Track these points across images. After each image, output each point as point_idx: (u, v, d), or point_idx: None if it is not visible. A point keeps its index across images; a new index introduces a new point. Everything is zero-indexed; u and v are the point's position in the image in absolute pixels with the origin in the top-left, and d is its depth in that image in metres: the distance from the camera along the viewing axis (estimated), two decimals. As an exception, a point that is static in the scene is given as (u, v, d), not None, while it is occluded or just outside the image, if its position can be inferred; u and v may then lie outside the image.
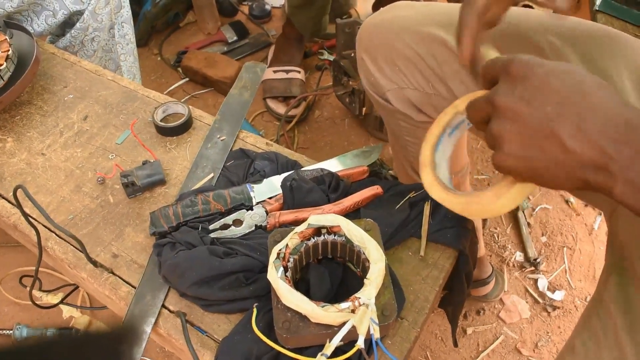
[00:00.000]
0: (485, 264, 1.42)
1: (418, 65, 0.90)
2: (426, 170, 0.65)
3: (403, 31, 0.90)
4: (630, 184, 0.44)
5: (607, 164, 0.44)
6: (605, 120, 0.45)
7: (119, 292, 0.81)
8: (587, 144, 0.45)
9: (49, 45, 1.22)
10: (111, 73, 1.14)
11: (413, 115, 0.96)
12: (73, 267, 0.85)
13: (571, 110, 0.45)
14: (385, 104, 0.99)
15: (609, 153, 0.44)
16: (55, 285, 1.34)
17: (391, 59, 0.92)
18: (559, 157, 0.46)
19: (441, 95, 0.90)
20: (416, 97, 0.93)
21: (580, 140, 0.45)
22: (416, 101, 0.94)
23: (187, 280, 0.75)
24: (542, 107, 0.46)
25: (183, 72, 2.06)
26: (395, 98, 0.96)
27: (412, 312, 0.76)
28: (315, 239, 0.73)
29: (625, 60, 0.78)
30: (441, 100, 0.91)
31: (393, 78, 0.94)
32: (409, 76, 0.92)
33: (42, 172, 0.97)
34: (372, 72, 0.96)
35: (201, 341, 0.74)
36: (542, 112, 0.46)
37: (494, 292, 1.45)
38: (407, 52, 0.90)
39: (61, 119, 1.06)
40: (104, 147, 1.00)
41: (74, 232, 0.86)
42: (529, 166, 0.48)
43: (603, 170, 0.45)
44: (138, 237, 0.86)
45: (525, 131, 0.47)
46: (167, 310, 0.78)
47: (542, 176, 0.48)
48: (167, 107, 1.03)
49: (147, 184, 0.91)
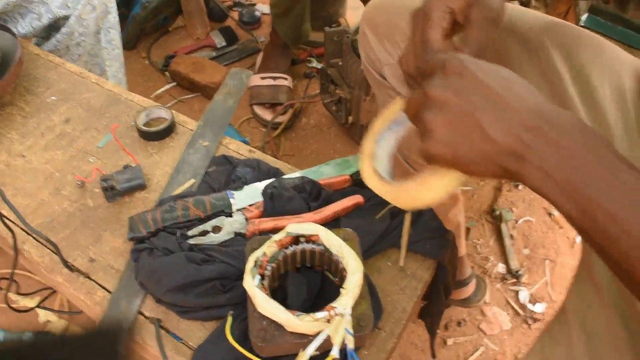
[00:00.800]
0: (465, 264, 1.42)
1: None
2: (365, 161, 0.68)
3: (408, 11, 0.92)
4: (542, 171, 0.46)
5: (522, 152, 0.47)
6: (523, 112, 0.48)
7: (94, 297, 0.80)
8: (506, 133, 0.48)
9: (33, 47, 1.21)
10: (95, 76, 1.13)
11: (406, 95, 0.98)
12: (49, 271, 0.84)
13: (495, 101, 0.49)
14: (381, 81, 1.01)
15: (525, 142, 0.47)
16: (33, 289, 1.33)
17: (392, 36, 0.95)
18: (481, 145, 0.49)
19: None
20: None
21: (500, 130, 0.48)
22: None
23: (164, 286, 0.74)
24: (469, 97, 0.50)
25: (170, 76, 2.05)
26: (392, 74, 0.97)
27: (390, 323, 0.76)
28: (293, 248, 0.73)
29: (609, 68, 0.80)
30: None
31: (392, 53, 0.96)
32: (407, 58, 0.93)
33: (22, 174, 0.96)
34: (373, 47, 0.98)
35: (176, 348, 0.74)
36: (469, 102, 0.49)
37: (476, 297, 1.45)
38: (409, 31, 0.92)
39: (43, 121, 1.05)
40: (85, 150, 0.99)
41: (52, 235, 0.85)
42: (454, 153, 0.51)
43: (519, 158, 0.47)
44: (116, 241, 0.86)
45: (453, 119, 0.50)
46: (142, 316, 0.77)
47: (466, 164, 0.51)
48: (150, 112, 1.03)
49: (126, 188, 0.90)
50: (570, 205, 0.46)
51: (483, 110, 0.49)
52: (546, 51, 0.83)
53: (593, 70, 0.80)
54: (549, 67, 0.82)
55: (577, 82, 0.80)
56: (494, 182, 1.75)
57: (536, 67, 0.83)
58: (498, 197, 1.71)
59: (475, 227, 1.65)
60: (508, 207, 1.69)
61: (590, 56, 0.81)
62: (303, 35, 1.91)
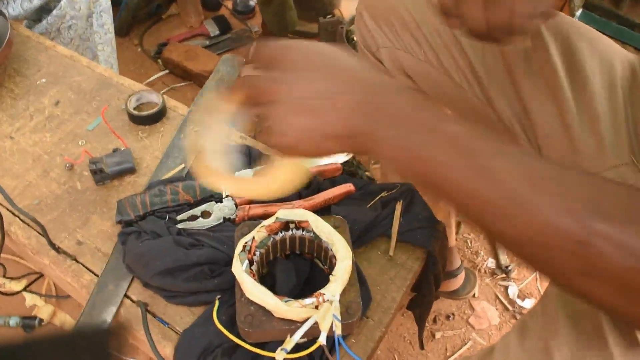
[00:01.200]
0: (455, 255, 1.42)
1: (413, 31, 0.92)
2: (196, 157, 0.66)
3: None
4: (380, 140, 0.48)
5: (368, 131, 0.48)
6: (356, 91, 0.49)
7: (81, 280, 0.79)
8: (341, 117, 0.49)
9: (24, 29, 1.19)
10: (86, 59, 1.12)
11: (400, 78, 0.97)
12: (36, 253, 0.83)
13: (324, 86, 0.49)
14: (377, 64, 1.00)
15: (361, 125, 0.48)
16: (20, 273, 1.32)
17: (390, 19, 0.94)
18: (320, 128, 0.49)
19: (431, 64, 0.92)
20: (407, 61, 0.95)
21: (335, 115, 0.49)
22: (407, 65, 0.95)
23: (151, 270, 0.74)
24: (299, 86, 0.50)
25: (163, 64, 2.03)
26: (388, 58, 0.97)
27: (378, 312, 0.75)
28: (283, 234, 0.73)
29: (601, 59, 0.80)
30: (430, 68, 0.92)
31: (389, 37, 0.95)
32: (404, 39, 0.94)
33: (9, 155, 0.95)
34: (370, 28, 0.98)
35: (162, 332, 0.73)
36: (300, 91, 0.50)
37: (465, 289, 1.45)
38: (406, 16, 0.92)
39: (32, 103, 1.03)
40: (75, 133, 0.98)
41: (39, 217, 0.84)
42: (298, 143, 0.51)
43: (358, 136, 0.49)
44: (104, 225, 0.85)
45: (289, 110, 0.50)
46: (129, 300, 0.77)
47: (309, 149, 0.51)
48: (141, 96, 1.02)
49: (116, 171, 0.89)
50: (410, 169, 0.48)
51: (314, 97, 0.49)
52: (541, 39, 0.83)
53: (586, 60, 0.80)
54: (543, 56, 0.82)
55: (570, 72, 0.80)
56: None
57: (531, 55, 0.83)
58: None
59: (465, 221, 1.65)
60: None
61: (585, 46, 0.82)
62: (289, 25, 1.89)
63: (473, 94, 0.89)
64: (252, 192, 0.63)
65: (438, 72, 0.92)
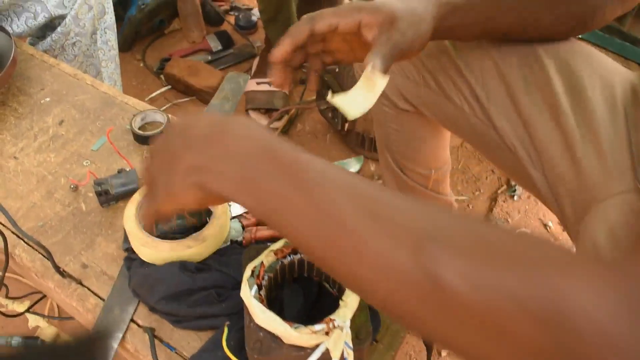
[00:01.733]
0: None
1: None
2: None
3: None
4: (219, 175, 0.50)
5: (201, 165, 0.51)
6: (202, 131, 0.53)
7: (86, 304, 0.78)
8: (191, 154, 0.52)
9: (27, 46, 1.19)
10: (90, 77, 1.12)
11: (399, 103, 0.97)
12: (40, 276, 0.82)
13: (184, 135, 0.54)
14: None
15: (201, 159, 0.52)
16: (22, 293, 1.31)
17: None
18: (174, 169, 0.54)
19: (430, 87, 0.91)
20: (404, 85, 0.94)
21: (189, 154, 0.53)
22: (403, 89, 0.94)
23: (157, 294, 0.73)
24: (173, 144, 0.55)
25: (165, 79, 2.03)
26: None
27: (388, 336, 0.74)
28: (291, 257, 0.72)
29: (599, 76, 0.80)
30: (429, 92, 0.91)
31: None
32: (402, 64, 0.93)
33: (13, 176, 0.94)
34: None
35: (169, 358, 0.72)
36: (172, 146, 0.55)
37: None
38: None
39: (36, 122, 1.03)
40: (79, 153, 0.97)
41: (43, 239, 0.83)
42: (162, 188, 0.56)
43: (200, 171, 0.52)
44: (109, 247, 0.84)
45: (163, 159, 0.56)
46: (135, 324, 0.76)
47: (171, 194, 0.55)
48: (146, 115, 1.01)
49: (121, 193, 0.88)
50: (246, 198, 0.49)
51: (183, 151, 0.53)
52: (540, 61, 0.83)
53: (585, 79, 0.80)
54: (542, 77, 0.81)
55: (570, 92, 0.79)
56: (489, 192, 1.75)
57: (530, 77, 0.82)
58: (493, 207, 1.71)
59: (470, 237, 1.64)
60: (503, 217, 1.68)
61: (583, 65, 0.82)
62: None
63: (474, 116, 0.88)
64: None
65: (437, 95, 0.91)
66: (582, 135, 0.77)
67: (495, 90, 0.85)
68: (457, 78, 0.87)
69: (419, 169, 1.11)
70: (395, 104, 0.97)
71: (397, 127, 1.03)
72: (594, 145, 0.76)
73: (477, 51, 0.85)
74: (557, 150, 0.78)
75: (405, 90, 0.94)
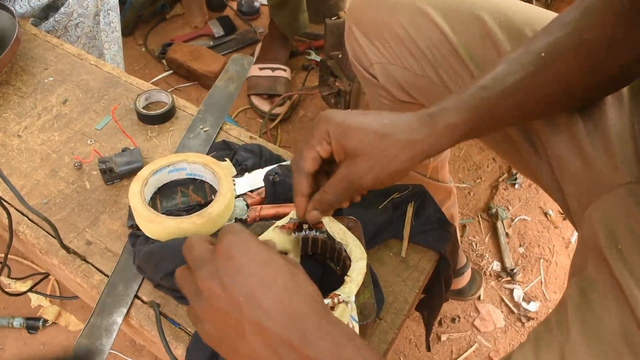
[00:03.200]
0: (460, 253, 1.41)
1: (409, 46, 0.89)
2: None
3: (396, 8, 0.89)
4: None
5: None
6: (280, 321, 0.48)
7: (91, 281, 0.78)
8: (262, 344, 0.48)
9: (30, 27, 1.19)
10: (94, 57, 1.12)
11: (397, 94, 0.95)
12: (44, 253, 0.82)
13: (257, 304, 0.49)
14: (369, 78, 0.97)
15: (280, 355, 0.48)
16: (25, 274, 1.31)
17: (382, 34, 0.91)
18: (241, 346, 0.50)
19: (430, 79, 0.89)
20: (403, 76, 0.92)
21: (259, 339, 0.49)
22: (402, 80, 0.92)
23: (161, 270, 0.73)
24: (234, 293, 0.49)
25: (167, 64, 2.03)
26: (382, 73, 0.94)
27: (391, 314, 0.75)
28: (296, 234, 0.72)
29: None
30: (429, 83, 0.89)
31: (382, 53, 0.92)
32: (399, 54, 0.90)
33: (17, 154, 0.94)
34: (360, 44, 0.94)
35: (174, 334, 0.72)
36: (233, 298, 0.49)
37: (471, 289, 1.44)
38: (399, 30, 0.88)
39: (40, 102, 1.03)
40: (83, 132, 0.97)
41: (48, 217, 0.83)
42: (219, 346, 0.52)
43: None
44: (114, 224, 0.84)
45: (218, 314, 0.50)
46: (140, 300, 0.76)
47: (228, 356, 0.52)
48: (150, 95, 1.01)
49: (125, 171, 0.88)
50: None
51: (243, 311, 0.49)
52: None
53: None
54: None
55: None
56: (490, 180, 1.75)
57: None
58: (494, 195, 1.71)
59: (471, 224, 1.64)
60: (504, 205, 1.68)
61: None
62: (301, 27, 1.89)
63: None
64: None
65: (438, 87, 0.89)
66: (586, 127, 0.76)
67: None
68: (459, 68, 0.86)
69: None
70: (392, 94, 0.96)
71: None
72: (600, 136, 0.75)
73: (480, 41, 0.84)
74: (564, 142, 0.77)
75: (403, 80, 0.92)
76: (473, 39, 0.84)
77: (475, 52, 0.84)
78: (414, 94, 0.93)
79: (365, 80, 0.99)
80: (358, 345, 0.50)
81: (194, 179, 0.86)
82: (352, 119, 0.64)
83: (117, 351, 1.32)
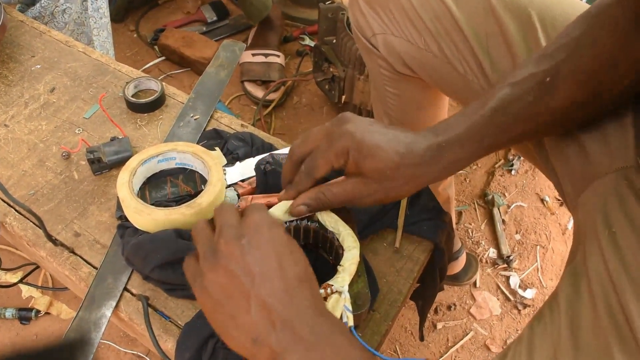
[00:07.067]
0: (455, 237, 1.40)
1: (412, 18, 0.87)
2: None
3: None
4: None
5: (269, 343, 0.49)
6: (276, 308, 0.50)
7: (79, 273, 0.77)
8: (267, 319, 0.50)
9: (17, 13, 1.16)
10: (82, 45, 1.09)
11: (397, 67, 0.94)
12: (32, 245, 0.81)
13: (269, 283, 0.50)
14: (370, 48, 0.96)
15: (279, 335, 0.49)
16: (15, 264, 1.30)
17: (386, 4, 0.90)
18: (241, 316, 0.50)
19: (431, 53, 0.88)
20: (405, 49, 0.91)
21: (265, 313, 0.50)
22: (403, 53, 0.91)
23: (150, 262, 0.72)
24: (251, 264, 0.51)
25: (160, 50, 2.00)
26: (383, 44, 0.93)
27: (385, 305, 0.73)
28: (287, 224, 0.70)
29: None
30: (430, 57, 0.88)
31: (386, 23, 0.91)
32: (402, 27, 0.89)
33: (4, 144, 0.92)
34: (364, 13, 0.93)
35: (164, 327, 0.71)
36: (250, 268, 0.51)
37: (467, 274, 1.44)
38: (404, 2, 0.87)
39: (27, 90, 1.01)
40: (71, 121, 0.95)
41: (35, 208, 0.82)
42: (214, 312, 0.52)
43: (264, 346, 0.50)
44: (102, 216, 0.83)
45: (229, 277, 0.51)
46: (129, 293, 0.75)
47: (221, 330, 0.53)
48: (139, 83, 0.99)
49: (114, 161, 0.87)
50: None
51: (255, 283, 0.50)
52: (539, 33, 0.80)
53: None
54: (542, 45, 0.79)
55: None
56: (486, 167, 1.74)
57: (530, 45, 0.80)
58: (490, 181, 1.70)
59: (467, 211, 1.63)
60: (500, 192, 1.67)
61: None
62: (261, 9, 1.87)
63: (477, 84, 0.86)
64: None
65: (440, 61, 0.88)
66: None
67: (499, 58, 0.82)
68: (461, 44, 0.85)
69: None
70: (393, 66, 0.95)
71: (395, 92, 1.01)
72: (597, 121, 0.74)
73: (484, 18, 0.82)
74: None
75: (405, 53, 0.91)
76: (477, 14, 0.82)
77: (478, 28, 0.82)
78: (414, 67, 0.92)
79: (367, 50, 0.99)
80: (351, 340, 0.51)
81: (184, 169, 0.85)
82: (372, 139, 0.64)
83: (110, 342, 1.31)
